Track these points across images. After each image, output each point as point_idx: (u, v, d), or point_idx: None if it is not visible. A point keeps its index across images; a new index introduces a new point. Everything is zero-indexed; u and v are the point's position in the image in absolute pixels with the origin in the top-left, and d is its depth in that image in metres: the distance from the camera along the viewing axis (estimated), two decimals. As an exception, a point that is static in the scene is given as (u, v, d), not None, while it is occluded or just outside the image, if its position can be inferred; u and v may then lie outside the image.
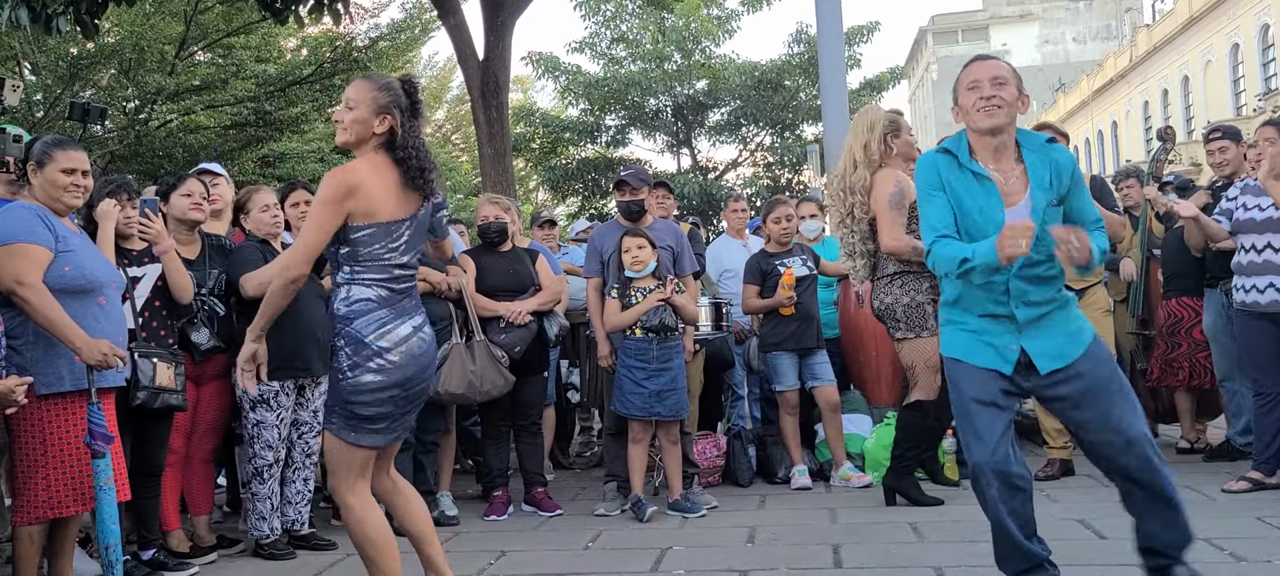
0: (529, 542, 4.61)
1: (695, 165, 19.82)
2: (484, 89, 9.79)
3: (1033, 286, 2.99)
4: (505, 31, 9.93)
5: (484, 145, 9.94)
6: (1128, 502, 3.04)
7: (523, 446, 5.42)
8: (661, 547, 4.35)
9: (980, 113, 2.97)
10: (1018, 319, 2.98)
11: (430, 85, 26.52)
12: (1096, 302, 5.23)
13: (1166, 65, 40.67)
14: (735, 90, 18.41)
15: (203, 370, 4.46)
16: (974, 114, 2.99)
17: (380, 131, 3.08)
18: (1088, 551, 3.93)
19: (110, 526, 3.54)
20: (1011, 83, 3.00)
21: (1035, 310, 2.99)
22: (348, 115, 3.08)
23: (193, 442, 4.56)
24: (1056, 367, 2.99)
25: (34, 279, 3.46)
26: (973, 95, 2.99)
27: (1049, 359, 2.99)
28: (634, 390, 4.98)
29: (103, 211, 4.03)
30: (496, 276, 5.26)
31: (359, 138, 3.09)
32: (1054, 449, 5.48)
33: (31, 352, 3.52)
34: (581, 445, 7.34)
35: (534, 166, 20.99)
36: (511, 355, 5.06)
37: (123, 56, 14.30)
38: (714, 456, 5.82)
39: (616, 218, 5.62)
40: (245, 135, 16.52)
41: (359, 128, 3.08)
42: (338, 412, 3.06)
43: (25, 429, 3.53)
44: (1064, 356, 2.99)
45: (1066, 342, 3.01)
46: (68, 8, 7.91)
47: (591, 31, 19.41)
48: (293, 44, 17.77)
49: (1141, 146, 42.31)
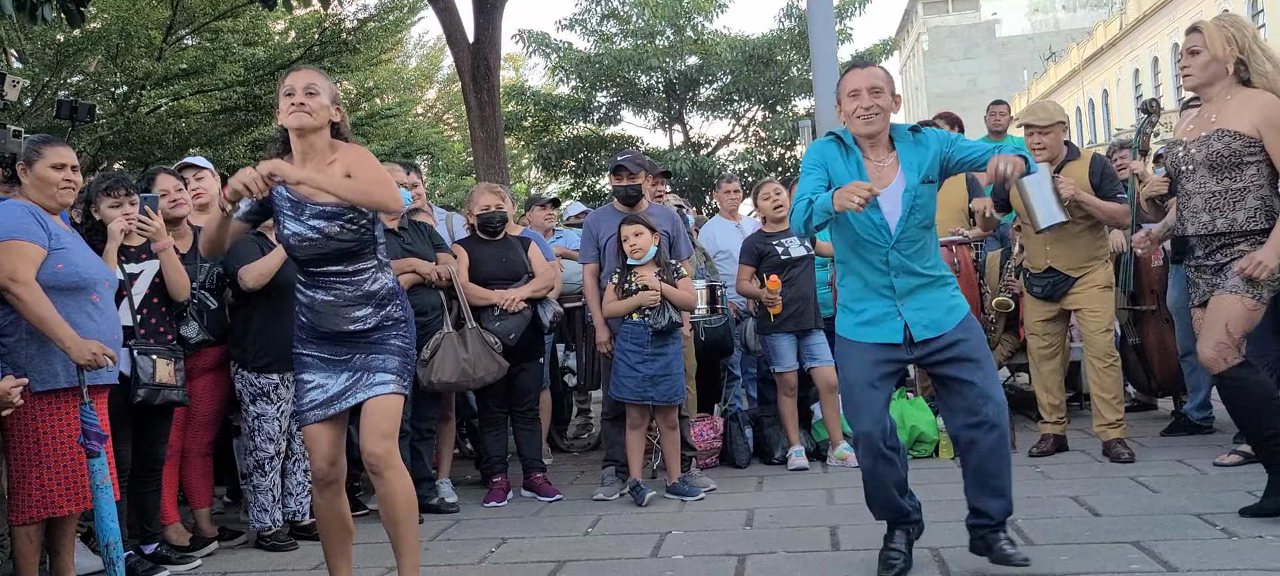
0: (529, 529, 4.65)
1: (687, 141, 19.80)
2: (475, 72, 9.76)
3: (910, 259, 3.40)
4: (495, 13, 9.89)
5: (475, 129, 9.92)
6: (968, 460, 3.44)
7: (520, 432, 5.44)
8: (661, 532, 4.39)
9: (860, 120, 3.42)
10: (897, 288, 3.39)
11: (421, 65, 26.40)
12: (1095, 279, 5.25)
13: (1156, 32, 40.63)
14: (727, 65, 18.39)
15: (195, 364, 4.46)
16: (855, 120, 3.43)
17: (336, 117, 3.29)
18: (1080, 528, 3.97)
19: (109, 524, 3.56)
20: (887, 90, 3.43)
21: (912, 281, 3.40)
22: (313, 100, 3.20)
23: (188, 436, 4.58)
24: (930, 336, 3.39)
25: (27, 276, 3.47)
26: (854, 103, 3.42)
27: (923, 328, 3.39)
28: (628, 374, 5.00)
29: (112, 232, 4.05)
30: (490, 265, 5.26)
31: (321, 123, 3.23)
32: (1048, 424, 5.52)
33: (26, 350, 3.53)
34: (579, 427, 7.37)
35: (526, 145, 20.94)
36: (506, 342, 5.07)
37: (110, 42, 14.18)
38: (711, 438, 5.85)
39: (612, 202, 5.62)
40: (235, 120, 16.41)
41: (323, 113, 3.23)
42: (408, 373, 3.32)
43: (19, 428, 3.54)
44: (938, 326, 3.39)
45: (943, 315, 3.41)
46: (53, -5, 7.83)
47: (582, 8, 19.34)
48: (280, 27, 17.65)
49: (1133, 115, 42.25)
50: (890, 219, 3.37)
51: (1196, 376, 5.72)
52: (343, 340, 3.25)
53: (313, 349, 3.28)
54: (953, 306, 3.44)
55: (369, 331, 3.25)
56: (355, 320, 3.24)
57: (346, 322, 3.24)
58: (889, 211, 3.37)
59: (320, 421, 3.25)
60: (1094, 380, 5.31)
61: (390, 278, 3.35)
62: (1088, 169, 5.30)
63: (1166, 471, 4.89)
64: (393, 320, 3.29)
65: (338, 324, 3.24)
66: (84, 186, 4.08)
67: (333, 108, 3.27)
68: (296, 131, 3.22)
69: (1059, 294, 5.29)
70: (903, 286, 3.40)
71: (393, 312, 3.30)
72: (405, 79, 24.08)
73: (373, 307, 3.26)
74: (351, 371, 3.25)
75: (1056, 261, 5.25)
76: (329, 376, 3.26)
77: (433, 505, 5.01)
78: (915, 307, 3.40)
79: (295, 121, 3.20)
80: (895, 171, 3.42)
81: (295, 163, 3.21)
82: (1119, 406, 5.30)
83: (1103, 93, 46.76)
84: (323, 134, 3.25)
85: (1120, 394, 5.38)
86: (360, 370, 3.25)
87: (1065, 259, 5.21)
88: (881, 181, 3.38)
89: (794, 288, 5.65)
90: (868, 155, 3.45)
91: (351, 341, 3.25)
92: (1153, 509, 4.18)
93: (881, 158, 3.46)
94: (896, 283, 3.40)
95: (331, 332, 3.25)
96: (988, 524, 3.45)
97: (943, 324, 3.40)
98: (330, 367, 3.26)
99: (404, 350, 3.30)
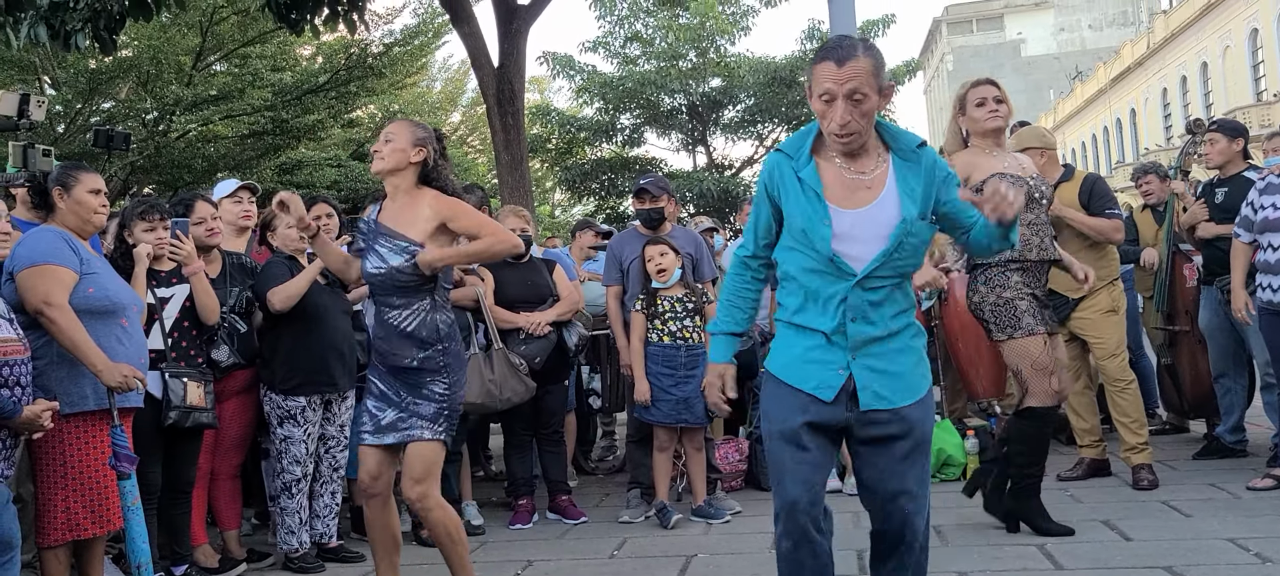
0: (555, 551, 4.64)
1: (711, 163, 19.84)
2: (499, 96, 9.81)
3: (875, 305, 2.54)
4: (519, 38, 9.95)
5: (500, 152, 9.97)
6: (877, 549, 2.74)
7: (546, 454, 5.44)
8: (687, 554, 4.37)
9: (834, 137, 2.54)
10: (850, 337, 2.53)
11: (446, 88, 26.61)
12: (1098, 303, 5.17)
13: (1185, 51, 40.39)
14: (750, 87, 18.44)
15: (224, 386, 4.50)
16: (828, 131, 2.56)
17: (416, 160, 3.52)
18: (1111, 552, 3.93)
19: (141, 545, 3.60)
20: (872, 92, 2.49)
21: (871, 330, 2.54)
22: (386, 146, 3.52)
23: (217, 458, 4.61)
24: (877, 409, 2.56)
25: (61, 300, 3.52)
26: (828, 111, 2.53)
27: (872, 395, 2.55)
28: (661, 397, 5.00)
29: (138, 255, 4.11)
30: (515, 288, 5.28)
31: (395, 166, 3.51)
32: (1084, 448, 5.42)
33: (56, 373, 3.57)
34: (604, 450, 7.36)
35: (550, 167, 21.04)
36: (532, 366, 5.08)
37: (141, 69, 14.44)
38: (736, 461, 5.83)
39: (635, 225, 5.63)
40: (262, 144, 16.64)
41: (397, 156, 3.50)
42: (444, 421, 3.50)
43: (46, 451, 3.57)
44: (888, 401, 2.56)
45: (898, 388, 2.57)
46: (86, 24, 7.98)
47: (605, 31, 19.45)
48: (308, 52, 17.87)
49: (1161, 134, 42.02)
50: (863, 251, 2.51)
51: (1229, 399, 5.65)
52: (397, 375, 3.51)
53: (376, 377, 3.58)
54: (914, 381, 2.60)
55: (413, 370, 3.48)
56: (404, 357, 3.48)
57: (397, 358, 3.49)
58: (864, 239, 2.52)
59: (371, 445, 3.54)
60: (1111, 405, 5.23)
61: (444, 321, 3.54)
62: (1078, 188, 5.23)
63: (1199, 495, 4.83)
64: (436, 366, 3.49)
65: (392, 357, 3.50)
66: (118, 211, 4.14)
67: (413, 151, 3.53)
68: (376, 175, 3.59)
69: (1063, 317, 5.20)
70: (858, 335, 2.54)
71: (436, 358, 3.49)
72: (430, 102, 24.32)
73: (417, 347, 3.47)
74: (400, 410, 3.51)
75: (1056, 283, 4.90)
76: (384, 408, 3.53)
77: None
78: (868, 366, 2.55)
79: (373, 168, 3.60)
80: (882, 186, 2.55)
81: (388, 202, 3.58)
82: (1140, 430, 5.16)
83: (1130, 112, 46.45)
84: (405, 176, 3.54)
85: (1141, 416, 5.22)
86: (406, 411, 3.50)
87: (1064, 280, 4.98)
88: (855, 198, 2.55)
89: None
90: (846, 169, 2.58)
91: (400, 377, 3.50)
92: (1185, 534, 4.13)
93: (863, 167, 2.57)
94: (851, 329, 2.54)
95: (390, 365, 3.51)
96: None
97: (893, 400, 2.56)
98: (385, 400, 3.53)
99: (442, 398, 3.50)
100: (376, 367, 3.59)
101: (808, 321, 2.58)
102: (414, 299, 3.47)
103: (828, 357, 2.56)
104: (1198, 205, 5.62)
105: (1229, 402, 5.68)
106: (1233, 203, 5.27)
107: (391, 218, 3.52)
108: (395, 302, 3.48)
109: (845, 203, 2.53)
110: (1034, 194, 4.35)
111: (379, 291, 3.54)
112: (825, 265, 2.53)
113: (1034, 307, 4.28)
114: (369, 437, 3.54)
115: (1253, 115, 29.04)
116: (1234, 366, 5.67)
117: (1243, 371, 5.73)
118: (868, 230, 2.51)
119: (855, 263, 2.51)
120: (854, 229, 2.51)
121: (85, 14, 7.81)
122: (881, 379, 2.55)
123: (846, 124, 2.49)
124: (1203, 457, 5.72)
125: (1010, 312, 4.25)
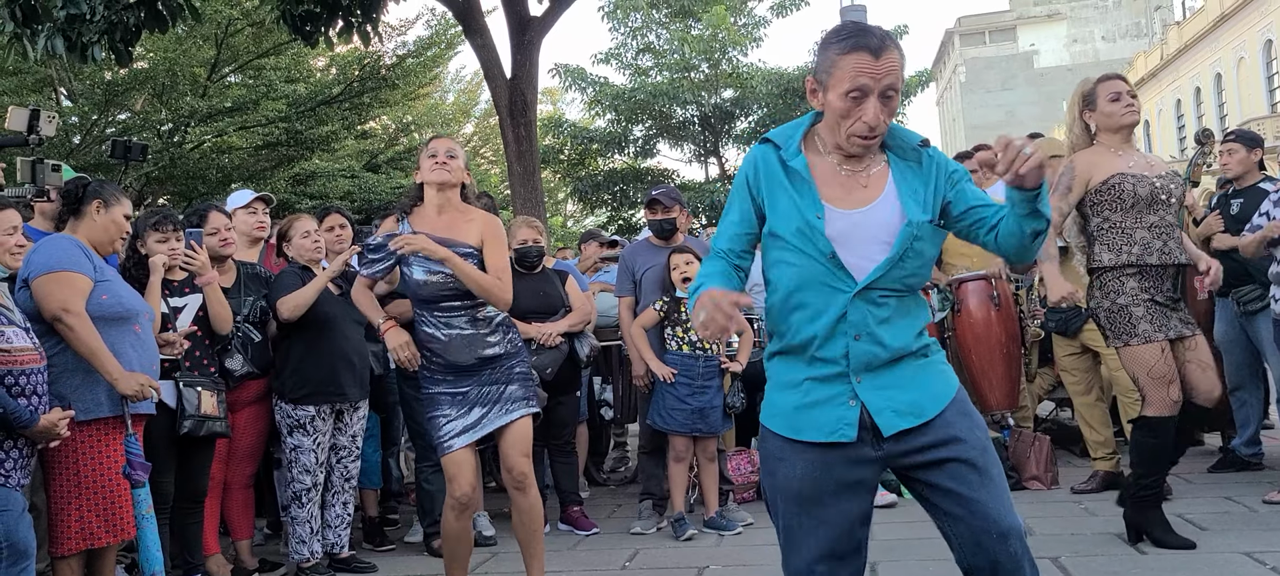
0: (567, 562, 4.64)
1: (723, 174, 19.84)
2: (512, 107, 9.84)
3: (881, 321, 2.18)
4: (532, 49, 9.98)
5: (513, 163, 9.99)
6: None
7: (557, 465, 5.45)
8: (699, 565, 4.36)
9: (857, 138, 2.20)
10: (852, 358, 2.17)
11: (458, 99, 26.69)
12: None
13: (1198, 63, 40.24)
14: (762, 98, 18.43)
15: (237, 396, 4.52)
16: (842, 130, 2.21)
17: (466, 181, 3.80)
18: (1126, 566, 3.90)
19: (154, 554, 3.61)
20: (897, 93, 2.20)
21: (879, 352, 2.18)
22: (452, 161, 3.71)
23: (230, 468, 4.63)
24: (907, 426, 2.18)
25: (79, 307, 3.53)
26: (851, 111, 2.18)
27: (895, 414, 2.17)
28: (677, 406, 5.01)
29: (154, 265, 4.14)
30: (527, 299, 5.28)
31: (459, 180, 3.74)
32: (1097, 460, 5.40)
33: (71, 381, 3.57)
34: (615, 461, 7.35)
35: (562, 178, 21.08)
36: (543, 376, 5.09)
37: (156, 81, 14.55)
38: (748, 472, 5.81)
39: (647, 236, 5.64)
40: (277, 155, 16.73)
41: (460, 173, 3.73)
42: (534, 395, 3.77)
43: (59, 460, 3.57)
44: (918, 411, 2.18)
45: (924, 396, 2.20)
46: (102, 37, 8.04)
47: (618, 42, 19.50)
48: (322, 63, 17.97)
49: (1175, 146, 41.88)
50: (863, 257, 2.17)
51: (1245, 411, 5.61)
52: (471, 371, 3.63)
53: (444, 385, 3.66)
54: (939, 388, 2.22)
55: (501, 357, 3.68)
56: (490, 345, 3.66)
57: (482, 349, 3.65)
58: (863, 243, 2.18)
59: (465, 447, 3.62)
60: (1124, 417, 5.20)
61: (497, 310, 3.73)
62: None
63: (1214, 509, 4.79)
64: (516, 348, 3.75)
65: (473, 352, 3.63)
66: (132, 220, 4.17)
67: (464, 171, 3.77)
68: (437, 186, 3.69)
69: (1073, 329, 5.15)
70: (862, 356, 2.18)
71: (516, 340, 3.76)
72: (443, 113, 24.37)
73: (501, 334, 3.70)
74: (482, 405, 3.64)
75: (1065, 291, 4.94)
76: (460, 411, 3.63)
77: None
78: (877, 386, 2.18)
79: (438, 177, 3.69)
80: (882, 186, 2.23)
81: (429, 214, 3.71)
82: None
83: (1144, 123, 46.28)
84: (457, 191, 3.75)
85: None
86: (491, 401, 3.65)
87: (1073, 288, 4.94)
88: (852, 197, 2.22)
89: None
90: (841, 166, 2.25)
91: (478, 371, 3.63)
92: (1200, 547, 4.10)
93: (859, 166, 2.25)
94: (853, 350, 2.17)
95: (462, 365, 3.62)
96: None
97: (924, 408, 2.19)
98: (458, 402, 3.64)
99: (526, 376, 3.75)
100: (437, 380, 3.67)
101: (800, 340, 2.21)
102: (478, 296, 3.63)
103: (832, 392, 2.19)
104: (1213, 216, 5.60)
105: (1244, 415, 5.64)
106: (1248, 214, 5.25)
107: (444, 228, 3.66)
108: (462, 305, 3.64)
109: (841, 202, 2.20)
110: (1160, 194, 4.16)
111: (439, 301, 3.64)
112: (822, 270, 2.17)
113: (1153, 313, 4.08)
114: (463, 438, 3.60)
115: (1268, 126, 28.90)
116: (1250, 379, 5.64)
117: (1258, 384, 5.70)
118: (867, 233, 2.18)
119: (855, 271, 2.16)
120: (852, 231, 2.18)
121: (102, 26, 7.87)
122: (901, 394, 2.18)
123: (877, 126, 2.17)
124: (1218, 470, 5.69)
125: (1125, 319, 4.09)
